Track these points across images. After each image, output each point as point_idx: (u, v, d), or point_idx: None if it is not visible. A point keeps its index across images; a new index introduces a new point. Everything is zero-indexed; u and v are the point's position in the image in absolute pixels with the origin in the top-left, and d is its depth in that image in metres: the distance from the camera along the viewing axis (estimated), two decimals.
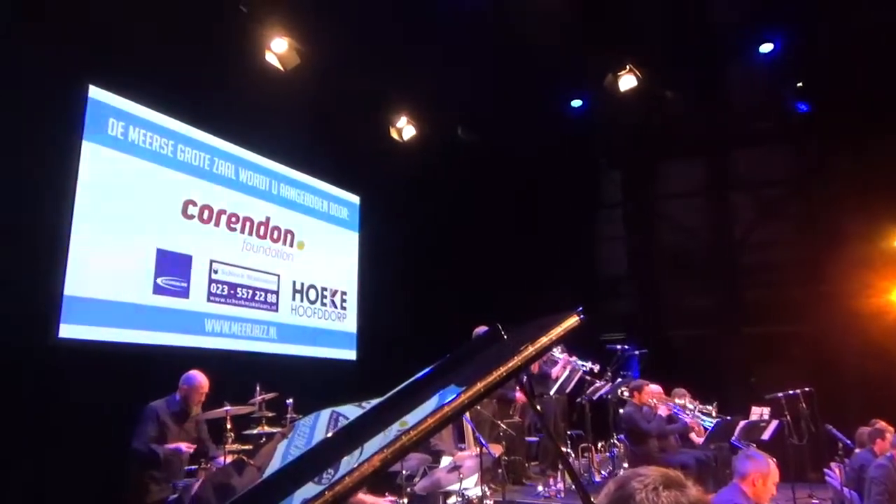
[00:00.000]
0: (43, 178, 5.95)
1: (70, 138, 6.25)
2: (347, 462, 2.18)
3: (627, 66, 9.72)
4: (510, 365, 2.35)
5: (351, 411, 3.01)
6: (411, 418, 2.27)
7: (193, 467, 4.90)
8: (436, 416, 2.18)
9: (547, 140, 11.00)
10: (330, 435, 2.69)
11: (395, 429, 2.28)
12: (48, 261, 5.88)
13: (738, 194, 11.57)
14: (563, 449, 6.50)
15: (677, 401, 6.76)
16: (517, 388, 6.91)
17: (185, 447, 4.72)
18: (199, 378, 4.90)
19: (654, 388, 6.64)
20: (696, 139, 11.38)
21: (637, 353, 8.14)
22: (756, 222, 11.24)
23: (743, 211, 11.48)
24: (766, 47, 9.52)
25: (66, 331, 5.93)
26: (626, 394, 6.79)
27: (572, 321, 2.53)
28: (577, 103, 10.99)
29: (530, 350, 2.41)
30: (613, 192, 12.86)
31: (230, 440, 4.86)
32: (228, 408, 4.99)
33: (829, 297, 9.58)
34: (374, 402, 2.86)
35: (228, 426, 4.90)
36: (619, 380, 7.47)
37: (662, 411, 6.42)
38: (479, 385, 2.27)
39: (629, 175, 12.53)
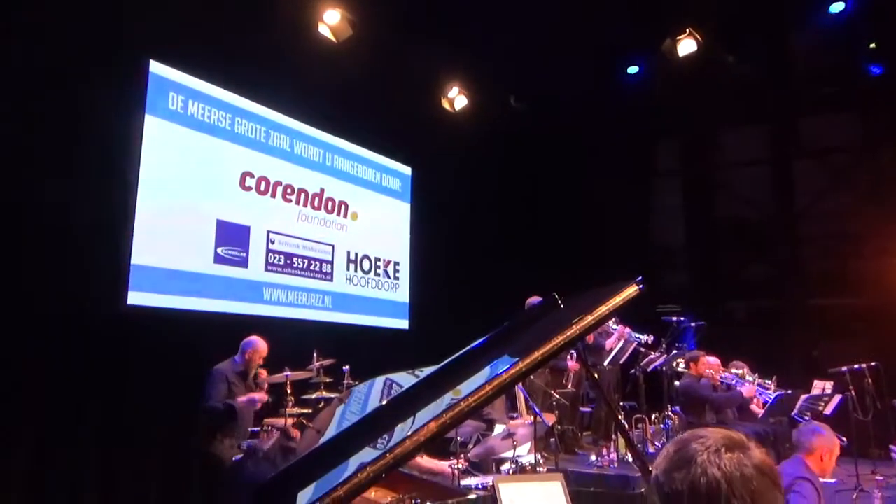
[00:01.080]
0: (109, 153, 6.17)
1: (133, 113, 6.44)
2: (402, 429, 2.23)
3: (687, 30, 9.38)
4: (568, 334, 2.36)
5: (404, 379, 3.07)
6: (465, 388, 2.31)
7: (256, 429, 5.11)
8: (493, 384, 2.21)
9: (602, 108, 10.76)
10: (386, 402, 2.76)
11: (448, 398, 2.32)
12: (116, 231, 6.13)
13: (803, 162, 11.10)
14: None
15: (734, 371, 6.63)
16: (570, 357, 6.90)
17: (259, 397, 4.92)
18: (260, 343, 5.14)
19: (711, 359, 6.52)
20: (760, 105, 10.93)
21: (693, 325, 7.98)
22: (822, 191, 10.79)
23: (808, 180, 11.02)
24: (837, 6, 9.03)
25: (135, 298, 6.19)
26: (681, 365, 6.70)
27: (632, 290, 2.51)
28: (633, 69, 10.69)
29: (589, 319, 2.41)
30: (671, 161, 12.53)
31: (290, 404, 5.04)
32: (288, 373, 5.17)
33: None
34: (427, 370, 2.91)
35: (289, 390, 5.09)
36: (675, 352, 7.36)
37: (736, 384, 6.29)
38: (537, 353, 2.28)
39: (688, 143, 12.17)
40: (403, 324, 9.60)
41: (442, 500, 2.67)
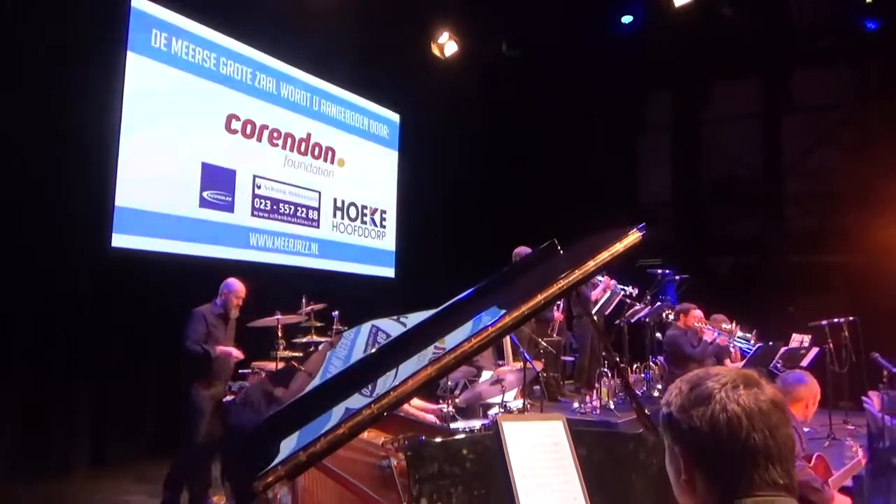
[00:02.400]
0: (90, 90, 5.99)
1: (114, 49, 6.24)
2: (394, 376, 2.25)
3: None
4: (571, 278, 2.35)
5: (389, 326, 3.08)
6: (467, 331, 2.31)
7: (247, 371, 5.13)
8: (497, 326, 2.21)
9: (594, 59, 10.59)
10: (376, 350, 2.77)
11: (452, 342, 2.33)
12: (99, 172, 6.00)
13: (793, 118, 11.07)
14: (600, 369, 6.60)
15: (724, 326, 6.74)
16: (556, 308, 6.96)
17: (236, 353, 4.93)
18: (238, 284, 5.12)
19: (697, 312, 6.63)
20: (753, 59, 10.82)
21: (678, 278, 8.08)
22: (810, 148, 10.82)
23: (797, 136, 11.02)
24: None
25: (119, 240, 6.10)
26: (671, 317, 6.80)
27: (634, 237, 2.50)
28: (627, 19, 10.50)
29: (590, 265, 2.40)
30: (661, 114, 12.44)
31: (281, 347, 5.06)
32: (279, 316, 5.17)
33: (882, 227, 9.28)
34: (412, 316, 2.91)
35: (279, 334, 5.10)
36: (659, 304, 7.47)
37: (707, 336, 6.42)
38: (540, 297, 2.28)
39: (679, 97, 12.07)
40: (390, 272, 9.60)
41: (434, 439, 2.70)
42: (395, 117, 9.89)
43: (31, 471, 5.37)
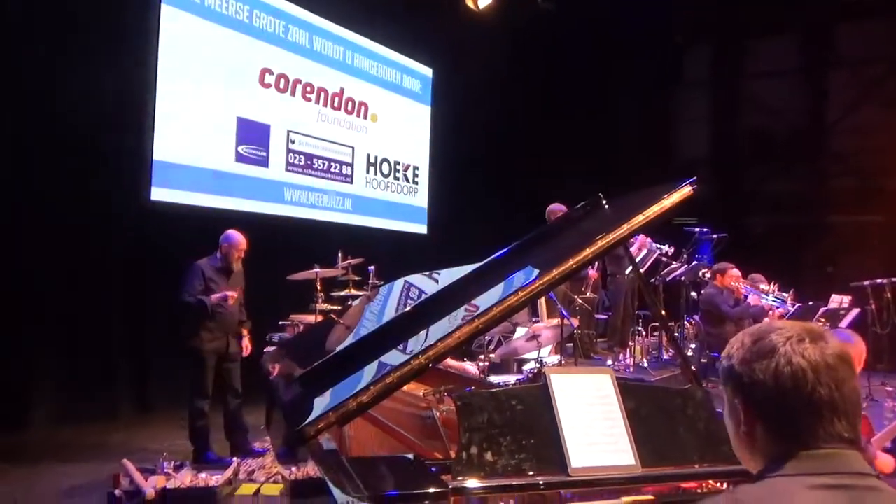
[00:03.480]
0: (126, 44, 6.00)
1: (149, 2, 6.19)
2: (433, 332, 2.26)
3: None
4: (617, 234, 2.32)
5: (422, 281, 3.09)
6: (514, 285, 2.31)
7: (286, 322, 5.20)
8: (545, 279, 2.20)
9: (632, 12, 10.26)
10: (413, 308, 2.79)
11: (496, 294, 2.33)
12: (138, 126, 6.05)
13: (836, 73, 10.68)
14: (634, 327, 6.58)
15: (761, 286, 6.64)
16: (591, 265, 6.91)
17: (230, 293, 4.84)
18: (238, 236, 5.00)
19: (736, 272, 6.52)
20: (795, 11, 10.39)
21: (715, 236, 7.94)
22: (853, 103, 10.43)
23: (839, 91, 10.63)
24: None
25: (158, 194, 6.18)
26: (707, 276, 6.71)
27: (684, 192, 2.45)
28: None
29: (639, 219, 2.36)
30: (699, 70, 12.08)
31: (320, 300, 5.11)
32: (318, 269, 5.20)
33: None
34: (445, 272, 2.91)
35: (318, 287, 5.14)
36: (695, 263, 7.37)
37: (752, 300, 6.31)
38: (587, 251, 2.26)
39: (718, 51, 11.69)
40: (422, 229, 9.61)
41: None
42: (427, 72, 9.75)
43: (82, 418, 5.60)
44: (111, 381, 5.91)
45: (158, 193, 6.19)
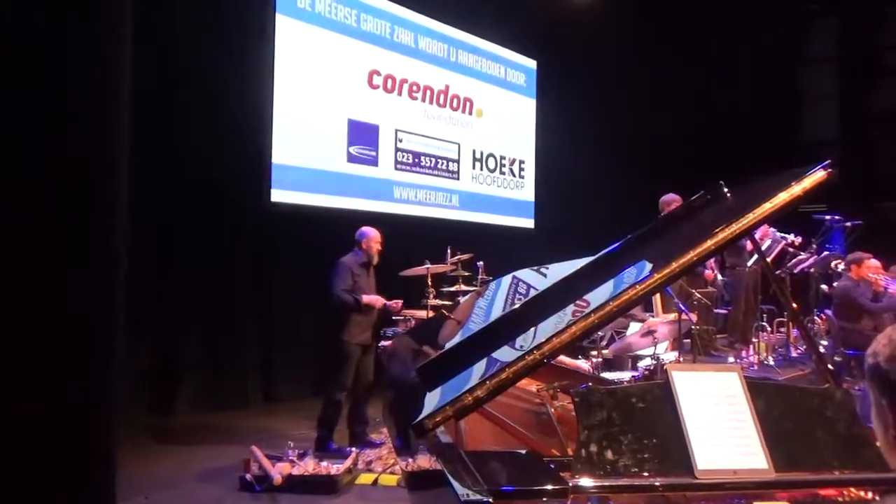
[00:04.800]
0: (245, 54, 6.36)
1: (265, 13, 6.53)
2: (542, 329, 2.23)
3: None
4: (743, 223, 2.19)
5: (530, 276, 3.05)
6: (625, 281, 2.24)
7: (399, 317, 5.36)
8: (664, 272, 2.12)
9: None
10: (523, 304, 2.76)
11: (607, 290, 2.27)
12: (257, 131, 6.40)
13: None
14: (757, 322, 6.20)
15: None
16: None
17: (382, 302, 5.09)
18: (374, 231, 5.31)
19: (875, 262, 5.99)
20: None
21: (848, 224, 7.33)
22: None
23: None
24: None
25: (277, 196, 6.52)
26: (840, 267, 6.22)
27: (818, 176, 2.27)
28: None
29: (766, 207, 2.22)
30: (826, 43, 11.20)
31: (431, 296, 5.22)
32: (429, 265, 5.32)
33: None
34: (553, 267, 2.85)
35: (429, 283, 5.25)
36: (826, 253, 6.84)
37: (894, 289, 5.78)
38: (709, 242, 2.15)
39: (846, 23, 10.78)
40: (529, 223, 9.55)
41: None
42: (532, 64, 9.67)
43: (215, 405, 6.10)
44: (242, 371, 6.37)
45: (277, 195, 6.53)
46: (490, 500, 1.61)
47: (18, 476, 1.54)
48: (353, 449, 4.85)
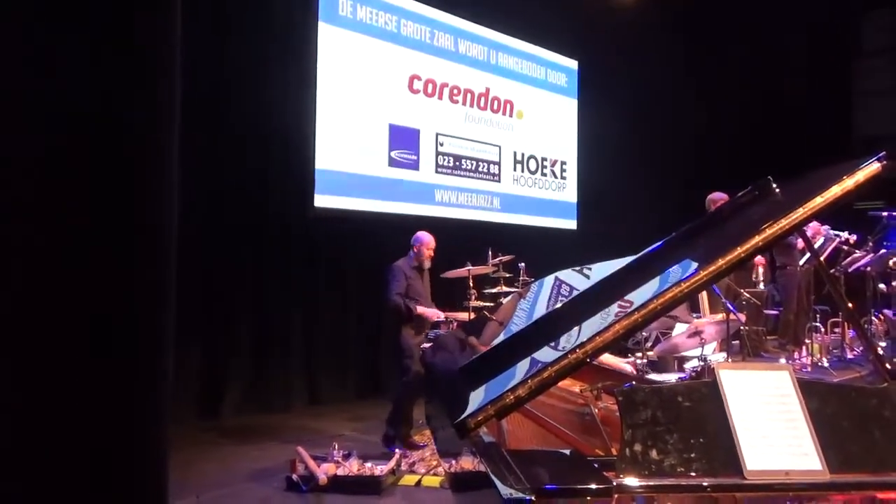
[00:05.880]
0: (288, 62, 6.49)
1: (307, 21, 6.64)
2: (585, 329, 2.20)
3: None
4: (793, 218, 2.13)
5: (573, 277, 3.01)
6: (669, 279, 2.19)
7: (442, 319, 5.38)
8: (708, 270, 2.07)
9: None
10: (566, 304, 2.73)
11: (651, 289, 2.23)
12: (301, 137, 6.52)
13: None
14: (810, 323, 6.00)
15: None
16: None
17: (437, 315, 5.16)
18: (428, 236, 5.36)
19: None
20: None
21: None
22: None
23: None
24: None
25: (321, 201, 6.61)
26: None
27: (872, 169, 2.19)
28: None
29: (817, 201, 2.15)
30: (879, 36, 10.80)
31: (473, 297, 5.23)
32: (470, 267, 5.34)
33: None
34: (595, 267, 2.81)
35: (471, 285, 5.27)
36: (883, 251, 6.58)
37: None
38: (757, 238, 2.10)
39: None
40: (571, 224, 9.46)
41: None
42: (573, 65, 9.59)
43: (261, 407, 6.22)
44: (287, 374, 6.47)
45: (321, 200, 6.63)
46: (532, 498, 1.60)
47: (74, 478, 1.59)
48: (397, 450, 4.89)
